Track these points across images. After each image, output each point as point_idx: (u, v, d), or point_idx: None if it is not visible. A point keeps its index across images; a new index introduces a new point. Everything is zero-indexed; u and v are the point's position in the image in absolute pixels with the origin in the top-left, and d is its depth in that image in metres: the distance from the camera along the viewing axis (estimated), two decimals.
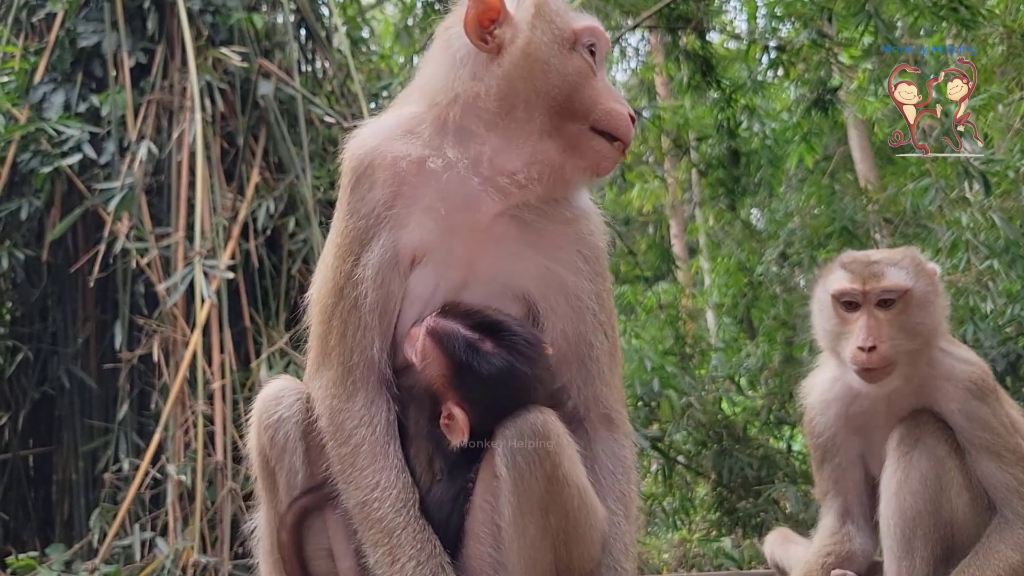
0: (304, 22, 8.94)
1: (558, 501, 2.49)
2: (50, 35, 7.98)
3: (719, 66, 10.24)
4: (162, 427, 6.71)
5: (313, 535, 2.75)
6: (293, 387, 2.80)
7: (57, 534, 7.63)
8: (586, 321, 2.77)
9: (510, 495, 2.48)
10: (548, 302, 2.75)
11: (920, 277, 3.48)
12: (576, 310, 2.76)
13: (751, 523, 8.29)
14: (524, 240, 2.74)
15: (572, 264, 2.79)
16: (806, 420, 3.76)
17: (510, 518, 2.49)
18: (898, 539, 3.31)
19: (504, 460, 2.48)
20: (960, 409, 3.41)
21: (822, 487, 3.72)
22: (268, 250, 7.81)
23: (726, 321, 13.51)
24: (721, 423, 8.69)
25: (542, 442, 2.47)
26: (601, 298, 2.82)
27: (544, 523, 2.48)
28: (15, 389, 8.07)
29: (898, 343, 3.39)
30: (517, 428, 2.48)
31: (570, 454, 2.53)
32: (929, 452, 3.33)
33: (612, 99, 2.74)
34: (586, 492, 2.57)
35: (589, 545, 2.59)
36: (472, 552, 2.57)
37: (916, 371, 3.46)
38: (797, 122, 9.87)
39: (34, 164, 7.42)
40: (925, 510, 3.29)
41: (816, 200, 10.20)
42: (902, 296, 3.43)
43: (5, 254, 7.42)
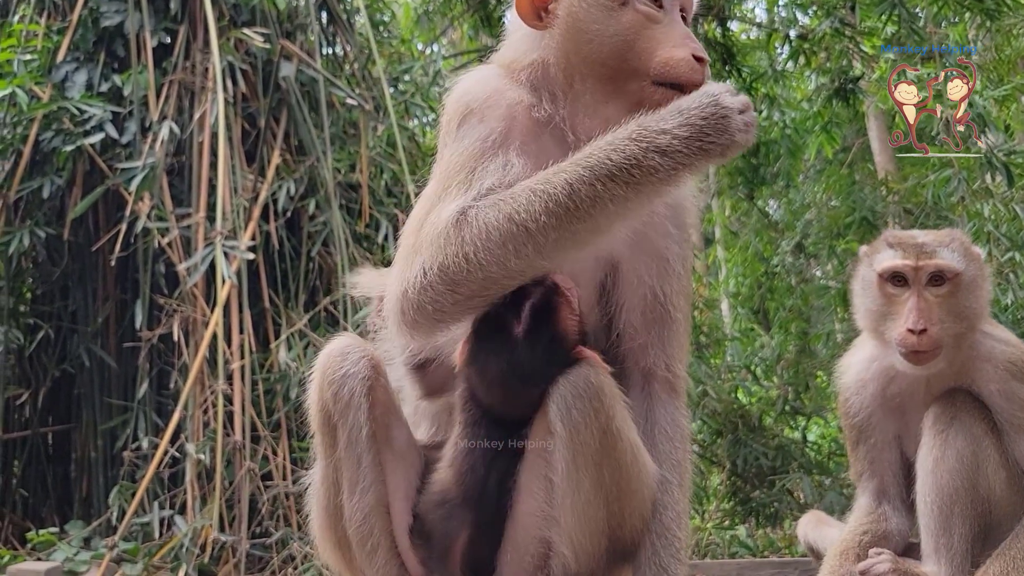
0: (326, 4, 8.93)
1: (612, 455, 2.51)
2: (73, 14, 7.99)
3: (739, 55, 10.20)
4: (181, 406, 6.74)
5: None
6: (359, 345, 2.77)
7: (76, 511, 7.67)
8: (671, 285, 2.78)
9: (565, 450, 2.49)
10: (634, 263, 2.75)
11: (970, 260, 3.47)
12: (662, 273, 2.77)
13: (765, 512, 8.29)
14: None
15: (662, 227, 2.79)
16: (841, 400, 3.76)
17: (564, 472, 2.51)
18: (935, 516, 3.32)
19: (559, 415, 2.49)
20: (1000, 389, 3.42)
21: (857, 468, 3.72)
22: (288, 232, 7.83)
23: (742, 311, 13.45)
24: (736, 412, 8.69)
25: (596, 396, 2.49)
26: (686, 263, 2.84)
27: (598, 477, 2.50)
28: (35, 367, 8.11)
29: (948, 326, 3.39)
30: (571, 384, 2.50)
31: (621, 408, 2.55)
32: (965, 430, 3.34)
33: (671, 45, 2.62)
34: (638, 448, 2.59)
35: (640, 502, 2.60)
36: (524, 507, 2.59)
37: (959, 354, 3.46)
38: (817, 112, 9.82)
39: (56, 143, 7.44)
40: (962, 487, 3.30)
41: (835, 190, 10.17)
42: (953, 278, 3.42)
43: (27, 233, 7.44)
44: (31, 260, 8.31)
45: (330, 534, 2.83)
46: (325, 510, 2.82)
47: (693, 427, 8.80)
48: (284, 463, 6.87)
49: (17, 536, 7.33)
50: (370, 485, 2.72)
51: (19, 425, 8.08)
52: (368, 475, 2.72)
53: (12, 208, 7.66)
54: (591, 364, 2.55)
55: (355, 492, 2.72)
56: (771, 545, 7.84)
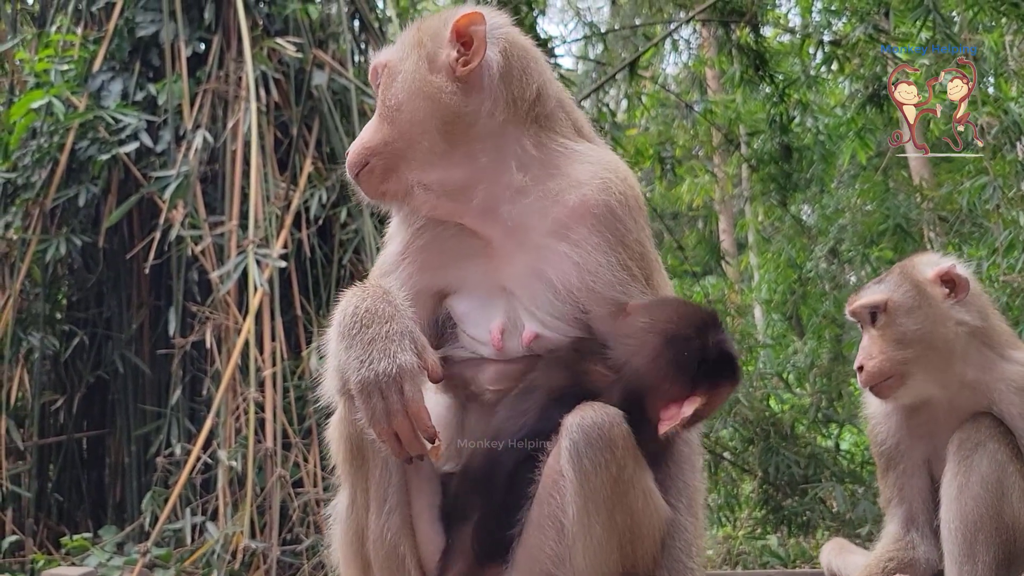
0: (358, 13, 8.98)
1: (624, 502, 2.50)
2: (109, 24, 8.09)
3: (772, 60, 10.16)
4: (214, 413, 6.79)
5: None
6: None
7: (109, 516, 7.74)
8: (622, 297, 2.74)
9: (575, 495, 2.49)
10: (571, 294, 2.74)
11: (901, 286, 3.51)
12: (600, 291, 2.73)
13: (797, 522, 8.23)
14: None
15: (583, 241, 2.75)
16: (869, 429, 3.76)
17: (575, 517, 2.50)
18: (959, 544, 3.28)
19: (570, 461, 2.48)
20: (1020, 412, 3.39)
21: (886, 495, 3.70)
22: (320, 240, 7.87)
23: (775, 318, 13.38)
24: (768, 420, 8.63)
25: (608, 447, 2.48)
26: (628, 268, 2.76)
27: (610, 523, 2.49)
28: (70, 373, 8.20)
29: (890, 355, 3.45)
30: (583, 429, 2.49)
31: (635, 455, 2.53)
32: (990, 456, 3.31)
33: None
34: (651, 494, 2.57)
35: (652, 544, 2.59)
36: (532, 541, 2.58)
37: (945, 376, 3.46)
38: (851, 118, 9.76)
39: (92, 152, 7.53)
40: (986, 514, 3.26)
41: (869, 197, 10.09)
42: (883, 310, 3.49)
43: (63, 240, 7.53)
44: (67, 267, 8.42)
45: (357, 561, 2.82)
46: (355, 535, 2.81)
47: (724, 434, 8.79)
48: (315, 470, 6.90)
49: (52, 541, 7.40)
50: (397, 505, 2.72)
51: (54, 431, 8.17)
52: (394, 496, 2.72)
53: (49, 216, 7.75)
54: (605, 411, 2.53)
55: (382, 514, 2.72)
56: (803, 554, 7.78)
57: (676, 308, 2.77)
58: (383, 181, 2.81)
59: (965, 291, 3.50)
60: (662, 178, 12.35)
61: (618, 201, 2.74)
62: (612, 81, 11.76)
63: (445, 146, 2.75)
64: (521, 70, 2.79)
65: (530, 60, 2.84)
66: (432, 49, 2.78)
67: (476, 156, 2.76)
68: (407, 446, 2.53)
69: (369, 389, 2.47)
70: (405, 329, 2.56)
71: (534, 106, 2.80)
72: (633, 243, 2.75)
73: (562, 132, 2.85)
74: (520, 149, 2.77)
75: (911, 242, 8.59)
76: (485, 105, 2.74)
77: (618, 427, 2.51)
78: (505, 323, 2.76)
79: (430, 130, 2.74)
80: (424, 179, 2.76)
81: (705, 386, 2.66)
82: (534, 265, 2.74)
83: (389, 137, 2.79)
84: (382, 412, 2.47)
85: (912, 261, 3.67)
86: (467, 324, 2.82)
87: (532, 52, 2.88)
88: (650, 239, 2.85)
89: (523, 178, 2.75)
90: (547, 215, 2.74)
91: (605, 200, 2.73)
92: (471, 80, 2.73)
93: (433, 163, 2.76)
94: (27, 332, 7.70)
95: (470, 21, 2.73)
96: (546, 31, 11.37)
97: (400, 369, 2.48)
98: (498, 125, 2.76)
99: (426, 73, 2.76)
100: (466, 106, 2.73)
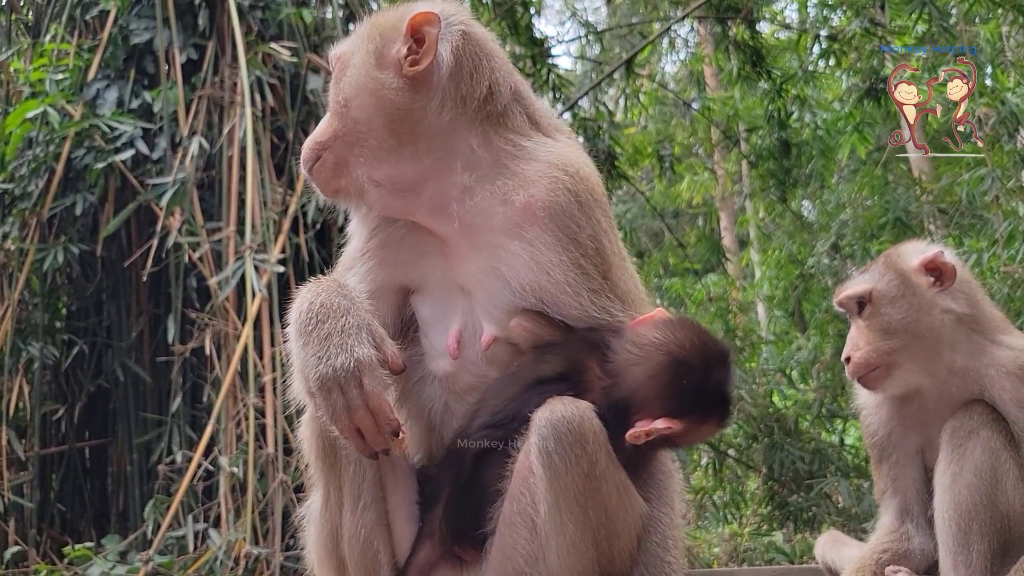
0: (352, 16, 8.96)
1: (597, 498, 2.47)
2: (103, 32, 8.08)
3: (769, 56, 10.15)
4: (214, 420, 6.78)
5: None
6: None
7: (112, 525, 7.73)
8: (576, 299, 2.72)
9: (546, 492, 2.46)
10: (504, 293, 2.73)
11: (885, 275, 3.51)
12: (553, 291, 2.71)
13: (802, 517, 8.22)
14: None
15: (536, 240, 2.73)
16: (861, 420, 3.75)
17: (547, 515, 2.47)
18: (953, 533, 3.26)
19: (540, 457, 2.45)
20: (1012, 398, 3.37)
21: (880, 486, 3.68)
22: (318, 244, 7.85)
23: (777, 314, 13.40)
24: (772, 416, 8.63)
25: (578, 442, 2.44)
26: (582, 266, 2.73)
27: (584, 520, 2.46)
28: (71, 382, 8.19)
29: (876, 346, 3.45)
30: (552, 424, 2.45)
31: (607, 450, 2.50)
32: (984, 444, 3.28)
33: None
34: (625, 489, 2.54)
35: (629, 541, 2.57)
36: (506, 540, 2.55)
37: (933, 365, 3.45)
38: (849, 112, 9.76)
39: (88, 160, 7.52)
40: (980, 503, 3.23)
41: (869, 191, 10.08)
42: (869, 300, 3.48)
43: (61, 249, 7.52)
44: (65, 276, 8.40)
45: (332, 560, 2.81)
46: (329, 535, 2.80)
47: (728, 431, 8.78)
48: None
49: (55, 551, 7.39)
50: (371, 501, 2.71)
51: (56, 440, 8.16)
52: (369, 493, 2.71)
53: (46, 225, 7.75)
54: (575, 404, 2.50)
55: (356, 510, 2.71)
56: (809, 551, 7.74)
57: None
58: (335, 176, 2.83)
59: (951, 279, 3.47)
60: (662, 176, 12.34)
61: (568, 199, 2.72)
62: (610, 80, 11.76)
63: (393, 142, 2.75)
64: (472, 68, 2.78)
65: (483, 57, 2.83)
66: (381, 44, 2.78)
67: (423, 155, 2.77)
68: (370, 441, 2.51)
69: (328, 385, 2.46)
70: (362, 322, 2.54)
71: (485, 104, 2.79)
72: (587, 240, 2.73)
73: (514, 128, 2.83)
74: (467, 148, 2.77)
75: (912, 235, 8.58)
76: (432, 103, 2.74)
77: (589, 422, 2.47)
78: (462, 328, 2.76)
79: (377, 127, 2.75)
80: (374, 175, 2.77)
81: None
82: (489, 264, 2.73)
83: (339, 131, 2.80)
84: (342, 408, 2.46)
85: (897, 250, 3.66)
86: (428, 330, 2.83)
87: (486, 48, 2.86)
88: (608, 232, 2.81)
89: (469, 178, 2.75)
90: (496, 215, 2.73)
91: (554, 199, 2.71)
92: (419, 78, 2.74)
93: (381, 159, 2.76)
94: (27, 342, 7.68)
95: (424, 20, 2.73)
96: (543, 31, 11.35)
97: (358, 363, 2.47)
98: (446, 123, 2.76)
99: (372, 68, 2.77)
100: (413, 103, 2.74)
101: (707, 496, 9.03)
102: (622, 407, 2.62)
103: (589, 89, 11.12)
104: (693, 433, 2.69)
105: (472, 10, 10.53)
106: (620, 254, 2.86)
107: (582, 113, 10.50)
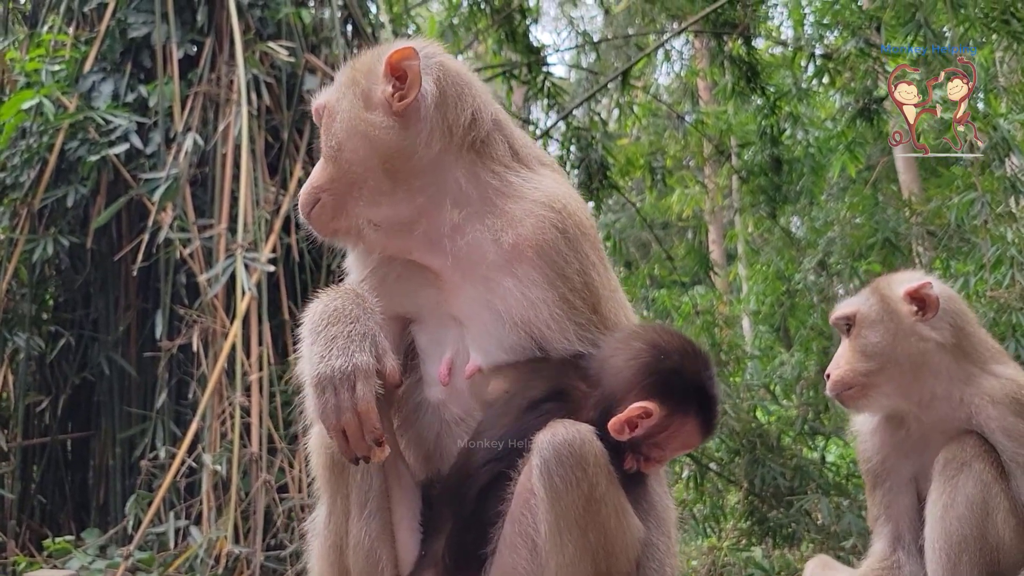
0: (351, 18, 8.97)
1: (597, 520, 2.50)
2: (101, 25, 8.06)
3: (764, 72, 10.21)
4: (199, 417, 6.77)
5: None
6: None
7: (93, 519, 7.69)
8: (563, 334, 2.76)
9: (547, 513, 2.49)
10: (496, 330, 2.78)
11: (869, 300, 3.59)
12: (541, 326, 2.75)
13: (782, 533, 8.24)
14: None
15: (524, 276, 2.78)
16: (857, 446, 3.79)
17: (547, 535, 2.50)
18: (943, 564, 3.29)
19: (541, 479, 2.49)
20: (1000, 427, 3.40)
21: (873, 512, 3.72)
22: (309, 244, 7.83)
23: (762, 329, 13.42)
24: (755, 431, 8.64)
25: (579, 464, 2.47)
26: (570, 301, 2.77)
27: (583, 541, 2.49)
28: (56, 374, 8.15)
29: (854, 366, 3.55)
30: (554, 447, 2.48)
31: (608, 472, 2.53)
32: (975, 476, 3.32)
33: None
34: (624, 512, 2.57)
35: (627, 563, 2.59)
36: (505, 560, 2.58)
37: (912, 390, 3.51)
38: (841, 131, 9.81)
39: (81, 152, 7.49)
40: (971, 535, 3.26)
41: (858, 210, 10.13)
42: (854, 322, 3.59)
43: (50, 241, 7.49)
44: (54, 268, 8.37)
45: (335, 571, 2.83)
46: (333, 546, 2.83)
47: (710, 445, 8.80)
48: (300, 475, 6.86)
49: (34, 543, 7.36)
50: (377, 510, 2.74)
51: (38, 432, 8.12)
52: (374, 502, 2.74)
53: (36, 216, 7.72)
54: (576, 428, 2.52)
55: (361, 518, 2.74)
56: (788, 567, 7.78)
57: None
58: (334, 218, 2.87)
59: (934, 310, 3.53)
60: (652, 188, 12.38)
61: (555, 235, 2.76)
62: (604, 90, 11.79)
63: (388, 183, 2.81)
64: (456, 96, 2.84)
65: (464, 86, 2.88)
66: (367, 87, 2.84)
67: (416, 193, 2.82)
68: (353, 445, 2.56)
69: (323, 384, 2.53)
70: (368, 331, 2.61)
71: (469, 131, 2.83)
72: (574, 275, 2.77)
73: (499, 159, 2.87)
74: (456, 184, 2.82)
75: (899, 256, 8.63)
76: (421, 136, 2.79)
77: (590, 444, 2.51)
78: (454, 356, 2.81)
79: (372, 167, 2.81)
80: (372, 217, 2.83)
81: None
82: (483, 297, 2.78)
83: (335, 176, 2.85)
84: (332, 407, 2.52)
85: (888, 278, 3.74)
86: (425, 357, 2.89)
87: (465, 77, 2.93)
88: (597, 265, 2.84)
89: (459, 215, 2.80)
90: (488, 252, 2.77)
91: (541, 237, 2.75)
92: (408, 113, 2.79)
93: (379, 201, 2.82)
94: (13, 332, 7.64)
95: (403, 56, 2.78)
96: (539, 39, 11.38)
97: (355, 367, 2.53)
98: (435, 156, 2.81)
99: (362, 111, 2.82)
100: (403, 139, 2.79)
101: (687, 509, 9.04)
102: (607, 407, 2.65)
103: (585, 99, 11.17)
104: (677, 428, 2.68)
105: (470, 17, 10.58)
106: (610, 285, 2.90)
107: (576, 122, 10.53)
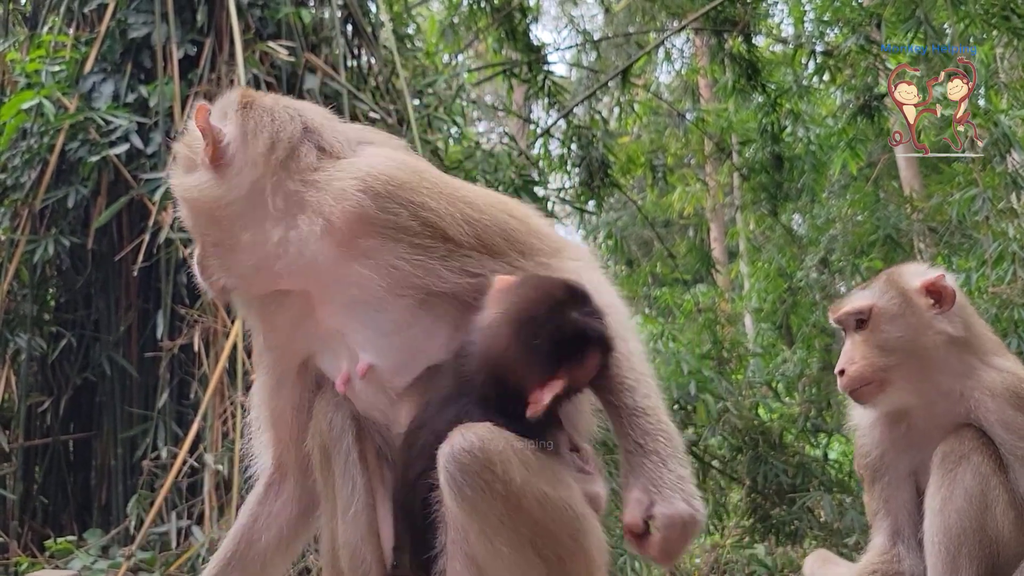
0: (351, 17, 8.97)
1: (522, 514, 2.42)
2: (101, 26, 8.06)
3: (764, 70, 10.22)
4: (201, 416, 6.76)
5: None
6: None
7: (95, 519, 7.68)
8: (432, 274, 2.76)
9: (469, 524, 2.43)
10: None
11: (887, 293, 3.53)
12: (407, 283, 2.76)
13: (785, 531, 8.24)
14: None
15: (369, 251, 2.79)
16: (855, 440, 3.76)
17: (477, 545, 2.45)
18: (942, 557, 3.27)
19: (452, 495, 2.40)
20: (999, 420, 3.38)
21: (872, 507, 3.70)
22: None
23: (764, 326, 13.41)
24: (757, 429, 8.65)
25: (485, 467, 2.38)
26: (422, 245, 2.74)
27: (516, 538, 2.43)
28: (57, 375, 8.14)
29: (872, 361, 3.47)
30: (455, 458, 2.39)
31: (518, 465, 2.43)
32: (974, 469, 3.30)
33: None
34: (548, 497, 2.48)
35: (573, 541, 2.52)
36: (452, 573, 2.53)
37: (923, 385, 3.47)
38: (842, 128, 9.80)
39: (82, 153, 7.49)
40: (970, 528, 3.25)
41: (859, 207, 10.13)
42: (869, 316, 3.50)
43: (51, 241, 7.49)
44: (55, 268, 8.37)
45: (332, 570, 2.85)
46: (328, 544, 2.86)
47: (713, 442, 8.80)
48: None
49: (36, 543, 7.35)
50: (362, 509, 2.76)
51: (40, 432, 8.11)
52: (359, 499, 2.77)
53: (37, 217, 7.72)
54: (473, 431, 2.43)
55: (346, 518, 2.76)
56: (790, 564, 7.78)
57: (529, 290, 2.66)
58: (211, 282, 2.96)
59: (951, 303, 3.50)
60: (654, 186, 12.39)
61: (361, 199, 2.73)
62: (605, 88, 11.79)
63: (223, 234, 2.88)
64: (253, 129, 2.88)
65: (263, 115, 2.92)
66: (188, 152, 2.95)
67: (244, 232, 2.85)
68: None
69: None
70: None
71: (270, 154, 2.84)
72: (409, 221, 2.73)
73: (305, 166, 2.86)
74: (266, 205, 2.84)
75: (901, 252, 8.64)
76: (234, 178, 2.86)
77: (490, 442, 2.41)
78: (348, 366, 2.84)
79: (204, 226, 2.92)
80: (229, 270, 2.91)
81: (568, 364, 2.59)
82: (343, 294, 2.79)
83: (197, 243, 3.00)
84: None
85: (899, 270, 3.68)
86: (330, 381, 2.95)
87: (264, 106, 2.96)
88: (430, 201, 2.77)
89: (281, 232, 2.81)
90: (317, 253, 2.77)
91: (349, 209, 2.73)
92: (220, 160, 2.86)
93: (224, 255, 2.90)
94: (14, 333, 7.65)
95: (199, 111, 2.88)
96: (539, 38, 11.38)
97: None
98: (249, 190, 2.84)
99: (185, 177, 2.94)
100: (221, 187, 2.86)
101: None
102: (511, 391, 2.57)
103: (586, 97, 11.16)
104: (579, 375, 2.63)
105: (470, 16, 10.58)
106: (461, 211, 2.80)
107: (576, 121, 10.53)
